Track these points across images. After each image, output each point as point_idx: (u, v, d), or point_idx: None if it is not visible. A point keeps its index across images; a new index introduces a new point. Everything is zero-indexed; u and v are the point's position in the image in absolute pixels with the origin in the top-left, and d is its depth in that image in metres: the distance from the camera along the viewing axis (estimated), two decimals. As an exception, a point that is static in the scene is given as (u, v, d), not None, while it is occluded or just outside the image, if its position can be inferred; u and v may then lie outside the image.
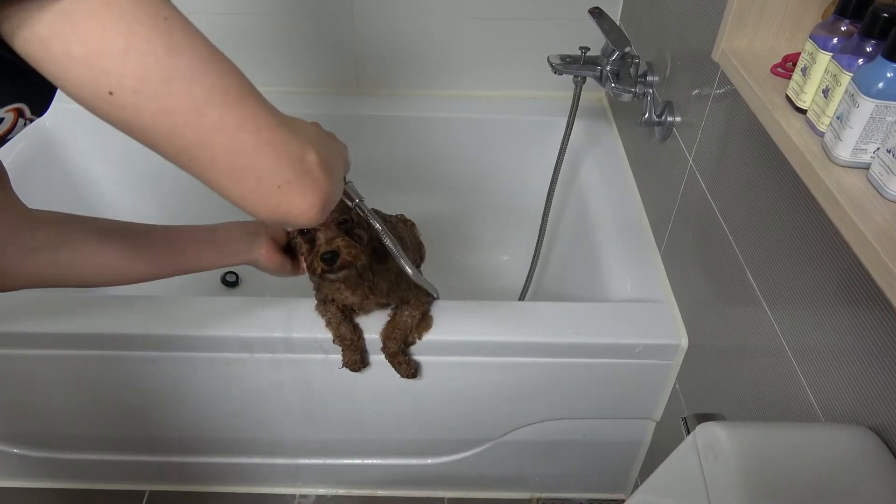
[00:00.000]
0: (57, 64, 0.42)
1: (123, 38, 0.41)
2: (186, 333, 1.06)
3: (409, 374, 1.08)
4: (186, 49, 0.44)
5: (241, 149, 0.47)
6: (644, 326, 1.09)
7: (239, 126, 0.46)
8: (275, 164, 0.48)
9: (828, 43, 0.65)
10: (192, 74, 0.44)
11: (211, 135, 0.45)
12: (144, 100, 0.43)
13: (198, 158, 0.46)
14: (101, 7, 0.41)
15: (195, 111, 0.44)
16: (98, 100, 0.43)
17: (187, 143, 0.45)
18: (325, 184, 0.51)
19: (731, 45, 0.80)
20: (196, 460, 1.33)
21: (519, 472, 1.36)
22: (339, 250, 0.86)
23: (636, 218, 1.30)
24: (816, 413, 0.73)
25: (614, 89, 1.27)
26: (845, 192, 0.59)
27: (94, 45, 0.41)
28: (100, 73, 0.42)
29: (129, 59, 0.42)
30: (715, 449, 0.63)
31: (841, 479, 0.60)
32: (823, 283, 0.71)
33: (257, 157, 0.47)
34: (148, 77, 0.42)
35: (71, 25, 0.40)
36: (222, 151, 0.46)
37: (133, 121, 0.44)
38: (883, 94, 0.57)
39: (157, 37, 0.42)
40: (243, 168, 0.47)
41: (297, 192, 0.50)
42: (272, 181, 0.48)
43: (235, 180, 0.48)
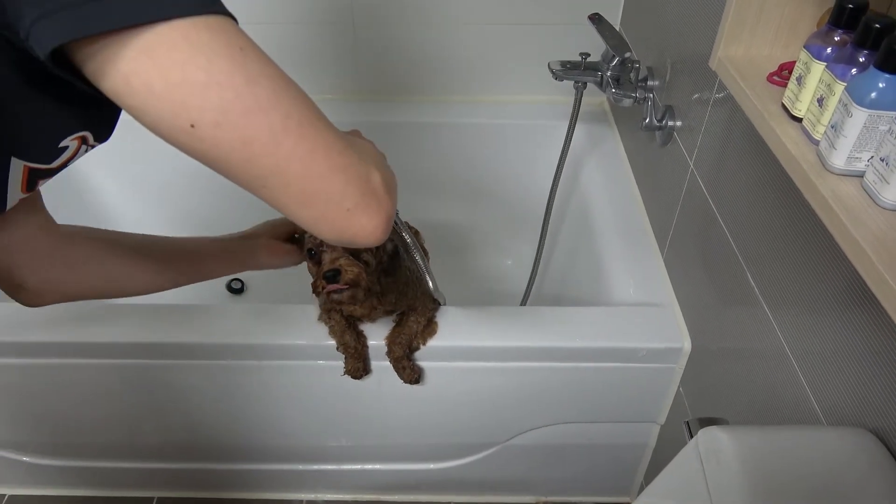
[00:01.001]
0: (138, 98, 0.43)
1: (204, 72, 0.42)
2: (192, 341, 1.08)
3: (413, 379, 1.09)
4: (263, 78, 0.45)
5: (313, 174, 0.47)
6: (647, 330, 1.10)
7: (312, 152, 0.47)
8: (344, 188, 0.49)
9: (822, 52, 0.66)
10: (269, 104, 0.44)
11: (286, 163, 0.46)
12: (224, 131, 0.44)
13: (272, 185, 0.47)
14: (181, 41, 0.41)
15: (273, 141, 0.45)
16: (178, 132, 0.44)
17: (263, 172, 0.46)
18: (388, 203, 0.53)
19: (727, 53, 0.81)
20: (203, 467, 1.34)
21: (524, 476, 1.37)
22: (342, 268, 0.87)
23: (638, 222, 1.31)
24: (818, 416, 0.74)
25: (615, 94, 1.28)
26: (840, 200, 0.60)
27: (175, 79, 0.42)
28: (181, 107, 0.43)
29: (210, 93, 0.42)
30: (717, 453, 0.63)
31: (843, 481, 0.60)
32: (824, 287, 0.71)
33: (328, 181, 0.48)
34: (229, 109, 0.43)
35: (152, 60, 0.41)
36: (295, 178, 0.47)
37: (210, 151, 0.45)
38: (876, 104, 0.58)
39: (236, 69, 0.43)
40: (314, 192, 0.48)
41: (364, 214, 0.51)
42: (341, 204, 0.49)
43: (306, 205, 0.49)
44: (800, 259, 0.75)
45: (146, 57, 0.41)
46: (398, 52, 1.58)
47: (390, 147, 1.74)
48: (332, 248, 0.89)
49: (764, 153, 0.81)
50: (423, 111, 1.64)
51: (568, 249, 1.55)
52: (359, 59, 1.59)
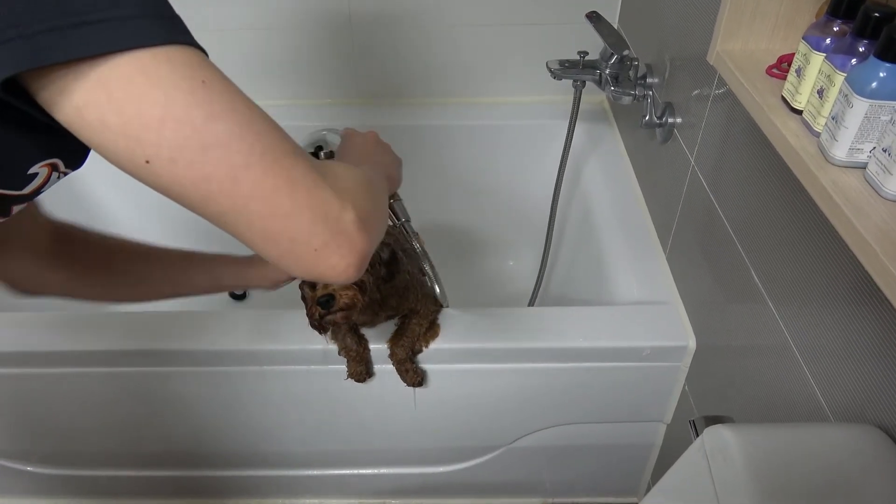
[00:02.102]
0: (93, 131, 0.41)
1: (160, 108, 0.40)
2: (194, 348, 1.08)
3: (416, 382, 1.08)
4: (225, 113, 0.42)
5: (276, 212, 0.45)
6: (651, 329, 1.09)
7: (275, 189, 0.45)
8: (310, 227, 0.47)
9: (821, 43, 0.65)
10: (230, 140, 0.43)
11: (247, 201, 0.44)
12: (181, 168, 0.42)
13: (233, 222, 0.46)
14: (137, 74, 0.40)
15: (231, 178, 0.43)
16: (134, 167, 0.43)
17: (223, 209, 0.45)
18: (362, 242, 0.49)
19: (725, 48, 0.81)
20: (206, 474, 1.34)
21: (530, 478, 1.36)
22: (336, 294, 0.85)
23: (640, 220, 1.30)
24: (825, 412, 0.73)
25: (614, 92, 1.27)
26: (842, 192, 0.59)
27: (129, 114, 0.40)
28: (135, 142, 0.41)
29: (165, 129, 0.41)
30: (723, 451, 0.63)
31: (850, 478, 0.60)
32: (828, 282, 0.70)
33: (293, 220, 0.46)
34: (185, 146, 0.41)
35: (106, 94, 0.40)
36: (258, 216, 0.45)
37: (169, 187, 0.44)
38: (876, 94, 0.57)
39: (195, 103, 0.41)
40: (278, 231, 0.46)
41: (334, 254, 0.48)
42: (308, 244, 0.47)
43: (271, 242, 0.47)
44: (804, 253, 0.75)
45: (101, 90, 0.39)
46: (396, 55, 1.58)
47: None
48: None
49: (765, 147, 0.80)
50: (422, 114, 1.63)
51: (570, 249, 1.54)
52: (358, 63, 1.59)
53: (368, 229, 0.50)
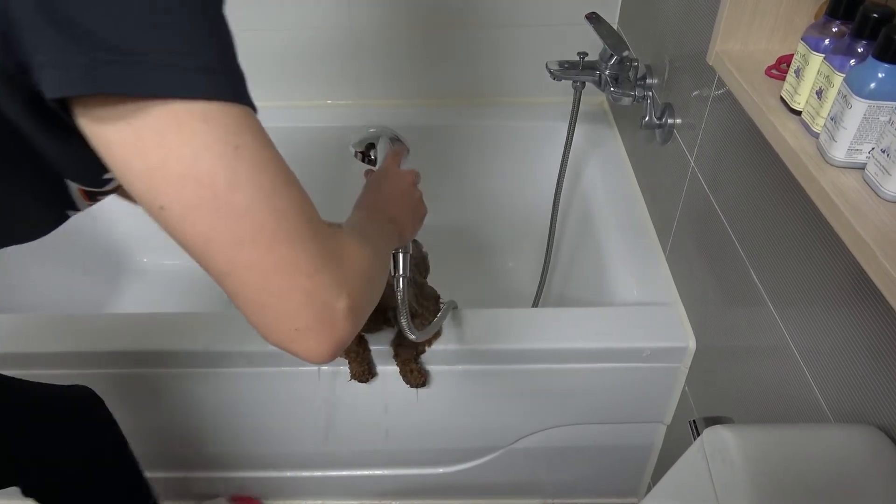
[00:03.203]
0: (116, 165, 0.41)
1: (185, 165, 0.40)
2: (192, 349, 1.08)
3: (420, 382, 1.08)
4: (248, 183, 0.41)
5: (269, 289, 0.45)
6: (651, 329, 1.09)
7: (275, 268, 0.44)
8: (298, 309, 0.46)
9: (819, 44, 0.65)
10: (245, 212, 0.42)
11: (243, 271, 0.44)
12: (189, 226, 0.42)
13: (225, 283, 0.45)
14: (170, 127, 0.39)
15: (235, 248, 0.43)
16: (148, 207, 0.42)
17: (219, 269, 0.44)
18: (344, 331, 0.48)
19: (724, 48, 0.81)
20: (207, 475, 1.34)
21: (531, 479, 1.36)
22: None
23: (640, 221, 1.30)
24: (825, 413, 0.73)
25: (614, 93, 1.27)
26: (841, 192, 0.59)
27: (153, 163, 0.40)
28: (153, 190, 0.41)
29: (185, 188, 0.40)
30: (722, 452, 0.63)
31: (850, 479, 0.60)
32: (828, 283, 0.70)
33: (283, 300, 0.45)
34: (200, 207, 0.41)
35: (136, 139, 0.39)
36: (249, 287, 0.44)
37: (174, 234, 0.43)
38: (875, 95, 0.57)
39: (221, 169, 0.40)
40: (265, 304, 0.45)
41: (313, 339, 0.47)
42: (290, 323, 0.46)
43: (253, 311, 0.46)
44: (803, 254, 0.75)
45: (132, 133, 0.39)
46: (396, 56, 1.59)
47: (389, 151, 1.73)
48: None
49: (764, 148, 0.80)
50: (422, 115, 1.64)
51: (570, 250, 1.54)
52: (358, 64, 1.59)
53: (356, 319, 0.50)
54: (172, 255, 1.78)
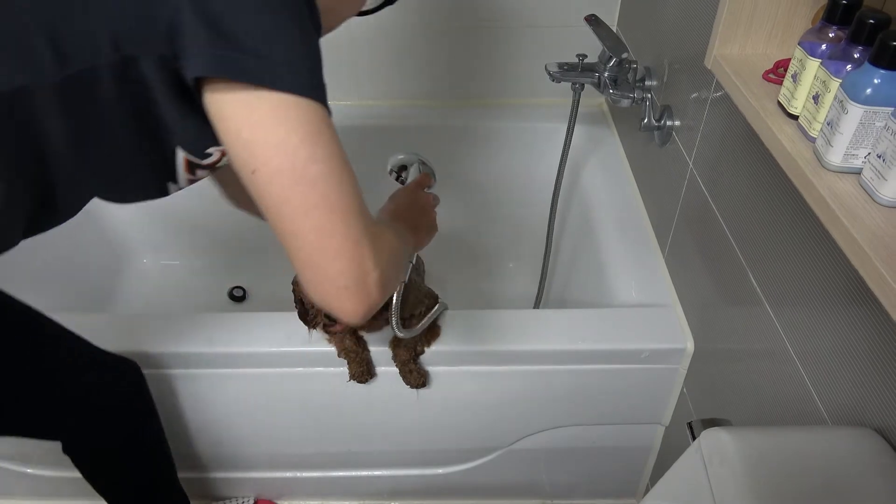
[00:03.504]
0: (227, 135, 0.55)
1: (277, 141, 0.53)
2: (194, 351, 1.08)
3: (419, 383, 1.08)
4: (322, 162, 0.55)
5: (323, 249, 0.56)
6: (649, 331, 1.09)
7: (331, 232, 0.56)
8: (342, 270, 0.57)
9: (816, 49, 0.66)
10: (316, 182, 0.54)
11: (307, 231, 0.56)
12: (272, 188, 0.54)
13: (289, 240, 0.57)
14: (276, 110, 0.53)
15: (304, 210, 0.55)
16: (243, 172, 0.55)
17: (286, 229, 0.56)
18: (375, 299, 0.60)
19: (722, 52, 0.81)
20: (207, 476, 1.34)
21: (529, 480, 1.36)
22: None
23: (639, 222, 1.31)
24: (822, 415, 0.73)
25: (613, 95, 1.27)
26: (837, 197, 0.59)
27: (256, 136, 0.53)
28: (251, 156, 0.54)
29: (275, 156, 0.53)
30: (720, 454, 0.63)
31: (847, 481, 0.60)
32: (825, 285, 0.71)
33: (332, 260, 0.57)
34: (283, 174, 0.54)
35: (247, 116, 0.53)
36: (309, 245, 0.56)
37: (259, 196, 0.56)
38: (871, 100, 0.57)
39: (304, 146, 0.54)
40: (317, 263, 0.57)
41: (350, 299, 0.59)
42: (335, 282, 0.57)
43: (308, 268, 0.57)
44: (801, 257, 0.75)
45: (247, 110, 0.53)
46: (396, 57, 1.59)
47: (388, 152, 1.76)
48: None
49: (762, 151, 0.81)
50: (421, 115, 1.64)
51: (569, 251, 1.55)
52: (358, 64, 1.59)
53: (384, 291, 0.61)
54: (172, 255, 1.79)
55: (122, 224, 1.73)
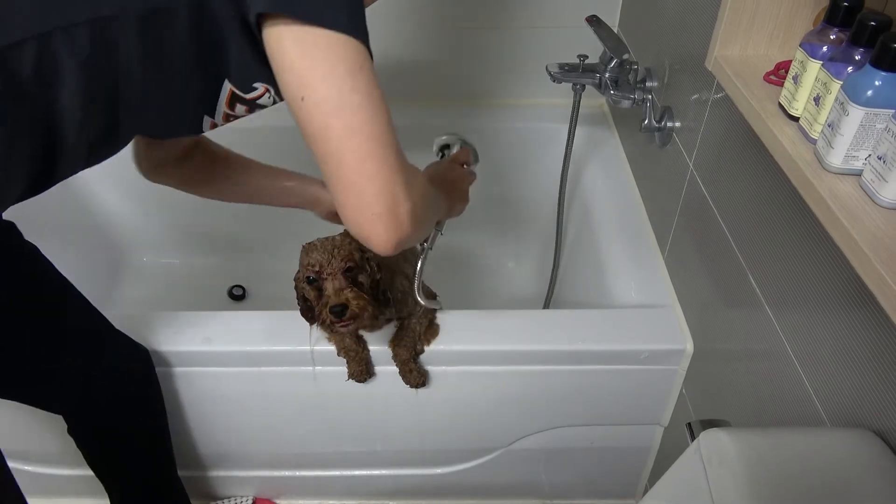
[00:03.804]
0: (281, 64, 0.61)
1: (327, 70, 0.60)
2: (193, 349, 1.08)
3: (419, 382, 1.08)
4: (364, 91, 0.61)
5: (361, 171, 0.62)
6: (649, 332, 1.09)
7: (369, 156, 0.62)
8: (377, 195, 0.62)
9: (817, 51, 0.66)
10: (357, 110, 0.61)
11: (347, 154, 0.61)
12: (319, 113, 0.61)
13: (330, 164, 0.62)
14: (328, 46, 0.60)
15: (347, 134, 0.61)
16: (292, 99, 0.62)
17: (329, 151, 0.62)
18: (407, 230, 0.65)
19: (723, 54, 0.81)
20: (206, 474, 1.34)
21: (528, 480, 1.36)
22: (349, 302, 0.86)
23: (639, 223, 1.31)
24: (821, 416, 0.73)
25: (613, 96, 1.27)
26: (838, 199, 0.59)
27: (307, 65, 0.60)
28: (302, 83, 0.61)
29: (323, 83, 0.60)
30: (719, 455, 0.63)
31: (845, 483, 0.60)
32: (825, 287, 0.71)
33: (369, 183, 0.62)
34: (329, 100, 0.60)
35: (302, 48, 0.60)
36: (347, 166, 0.62)
37: (305, 123, 0.62)
38: (872, 102, 0.57)
39: (348, 77, 0.60)
40: (354, 184, 0.62)
41: (383, 226, 0.63)
42: (370, 207, 0.62)
43: (345, 191, 0.63)
44: (801, 259, 0.75)
45: (300, 44, 0.60)
46: (398, 57, 1.59)
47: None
48: (333, 275, 0.88)
49: (762, 153, 0.81)
50: (421, 115, 1.63)
51: (569, 252, 1.55)
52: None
53: (415, 226, 0.66)
54: (172, 254, 1.79)
55: (121, 222, 1.73)
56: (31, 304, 0.89)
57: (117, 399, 1.03)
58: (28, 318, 0.88)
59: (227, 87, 0.72)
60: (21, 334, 0.88)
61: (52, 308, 0.92)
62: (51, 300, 0.92)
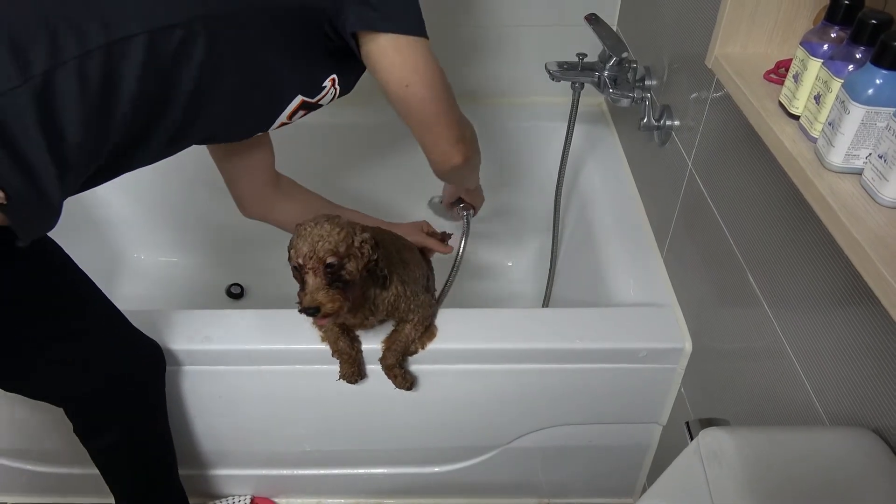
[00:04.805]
0: (384, 64, 0.88)
1: (421, 63, 0.89)
2: (190, 347, 1.08)
3: (405, 387, 1.08)
4: (439, 73, 0.92)
5: (441, 121, 0.94)
6: (648, 330, 1.09)
7: (448, 112, 0.95)
8: (450, 132, 0.96)
9: (818, 49, 0.66)
10: (441, 87, 0.93)
11: (437, 113, 0.93)
12: (421, 91, 0.90)
13: (426, 122, 0.94)
14: (414, 49, 0.88)
15: (433, 99, 0.92)
16: (397, 87, 0.90)
17: (428, 115, 0.93)
18: (471, 154, 1.02)
19: (724, 52, 0.81)
20: (202, 473, 1.34)
21: (527, 479, 1.36)
22: (322, 305, 0.87)
23: (637, 222, 1.31)
24: (820, 415, 0.73)
25: (612, 95, 1.27)
26: (839, 197, 0.59)
27: (406, 63, 0.88)
28: (403, 75, 0.89)
29: (416, 74, 0.89)
30: (718, 454, 0.63)
31: (845, 482, 0.60)
32: (824, 286, 0.71)
33: (445, 125, 0.95)
34: (422, 83, 0.90)
35: (398, 52, 0.88)
36: (436, 120, 0.94)
37: (408, 101, 0.91)
38: (873, 101, 0.57)
39: (430, 67, 0.90)
40: (437, 125, 0.95)
41: (457, 152, 0.98)
42: (445, 140, 0.96)
43: (439, 134, 0.95)
44: (800, 257, 0.75)
45: (396, 49, 0.87)
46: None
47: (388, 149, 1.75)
48: (314, 270, 0.88)
49: (762, 152, 0.81)
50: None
51: (567, 250, 1.55)
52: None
53: (474, 152, 1.05)
54: (169, 252, 1.78)
55: (119, 221, 1.72)
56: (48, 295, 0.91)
57: (123, 393, 1.03)
58: (46, 309, 0.91)
59: (298, 100, 0.93)
60: (34, 325, 0.89)
61: (71, 299, 0.95)
62: (69, 292, 0.95)
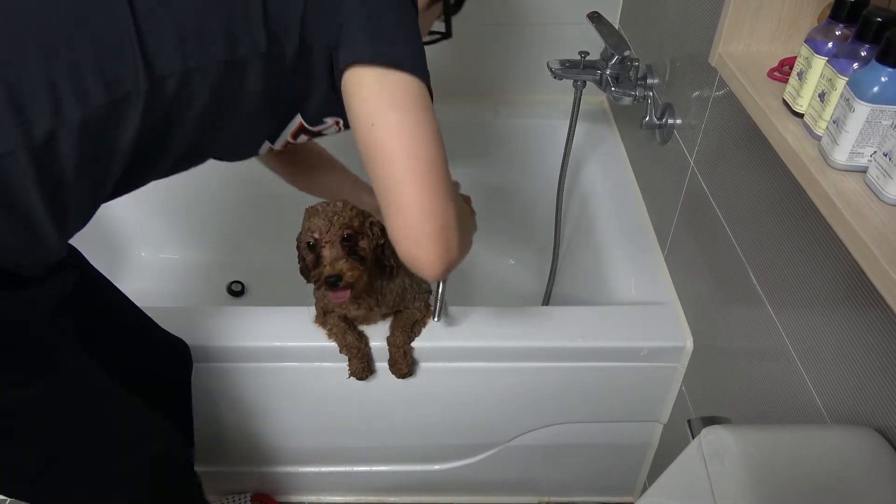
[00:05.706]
0: (358, 94, 0.69)
1: (397, 102, 0.68)
2: (192, 344, 1.07)
3: (406, 370, 1.06)
4: (424, 125, 0.68)
5: (417, 196, 0.67)
6: (649, 329, 1.09)
7: (425, 185, 0.67)
8: (430, 216, 0.67)
9: (823, 47, 0.65)
10: (422, 140, 0.68)
11: (407, 177, 0.67)
12: (386, 137, 0.67)
13: (387, 187, 0.68)
14: (399, 85, 0.68)
15: (406, 158, 0.67)
16: (361, 126, 0.68)
17: (390, 175, 0.67)
18: (454, 255, 0.70)
19: (727, 50, 0.81)
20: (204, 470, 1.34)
21: (527, 476, 1.36)
22: (343, 273, 0.87)
23: (639, 220, 1.30)
24: (822, 414, 0.73)
25: (614, 93, 1.27)
26: (843, 195, 0.59)
27: (382, 97, 0.68)
28: (374, 110, 0.68)
29: (393, 112, 0.67)
30: (720, 452, 0.63)
31: (847, 480, 0.60)
32: (827, 284, 0.71)
33: (423, 204, 0.67)
34: (397, 131, 0.67)
35: (380, 85, 0.68)
36: (405, 194, 0.67)
37: (371, 147, 0.68)
38: (878, 98, 0.57)
39: (412, 112, 0.68)
40: (411, 206, 0.67)
41: (433, 249, 0.68)
42: (423, 227, 0.67)
43: (399, 213, 0.67)
44: (803, 255, 0.75)
45: (378, 82, 0.68)
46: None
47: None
48: (332, 243, 0.88)
49: (765, 150, 0.81)
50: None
51: (569, 249, 1.55)
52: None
53: (461, 251, 0.72)
54: (170, 249, 1.78)
55: (119, 218, 1.72)
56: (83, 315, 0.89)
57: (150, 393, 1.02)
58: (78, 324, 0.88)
59: (297, 121, 0.81)
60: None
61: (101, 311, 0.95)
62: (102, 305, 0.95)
